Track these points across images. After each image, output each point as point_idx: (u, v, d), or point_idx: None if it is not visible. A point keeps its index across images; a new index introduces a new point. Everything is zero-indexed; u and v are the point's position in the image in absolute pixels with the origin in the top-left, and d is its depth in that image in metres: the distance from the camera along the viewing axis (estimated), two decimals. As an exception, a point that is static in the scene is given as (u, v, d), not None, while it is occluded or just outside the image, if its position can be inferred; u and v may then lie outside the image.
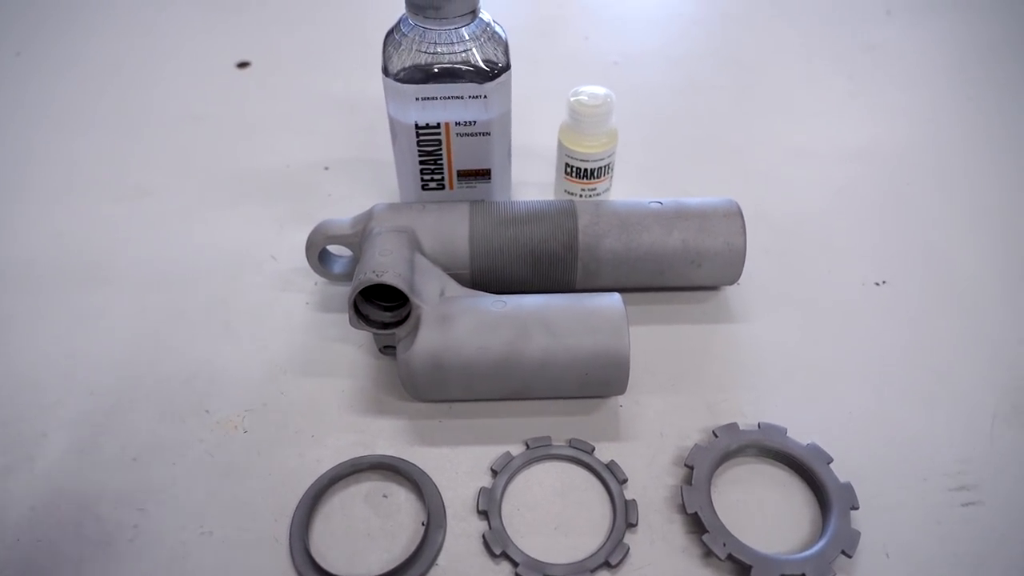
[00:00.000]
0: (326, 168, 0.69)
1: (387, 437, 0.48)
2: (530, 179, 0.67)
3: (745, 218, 0.63)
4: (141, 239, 0.62)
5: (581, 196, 0.60)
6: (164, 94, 0.79)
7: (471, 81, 0.51)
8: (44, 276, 0.59)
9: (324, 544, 0.43)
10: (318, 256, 0.54)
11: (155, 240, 0.62)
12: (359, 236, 0.52)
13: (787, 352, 0.53)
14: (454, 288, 0.50)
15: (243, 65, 0.84)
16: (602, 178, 0.59)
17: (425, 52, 0.51)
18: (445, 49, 0.51)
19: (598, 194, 0.60)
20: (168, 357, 0.53)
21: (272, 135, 0.73)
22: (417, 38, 0.51)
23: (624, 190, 0.66)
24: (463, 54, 0.51)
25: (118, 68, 0.83)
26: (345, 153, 0.71)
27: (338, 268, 0.56)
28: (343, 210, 0.63)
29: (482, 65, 0.51)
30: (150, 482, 0.45)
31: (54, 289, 0.58)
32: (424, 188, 0.57)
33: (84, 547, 0.42)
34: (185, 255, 0.60)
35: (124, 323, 0.55)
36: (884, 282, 0.58)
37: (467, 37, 0.51)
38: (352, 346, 0.53)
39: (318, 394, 0.50)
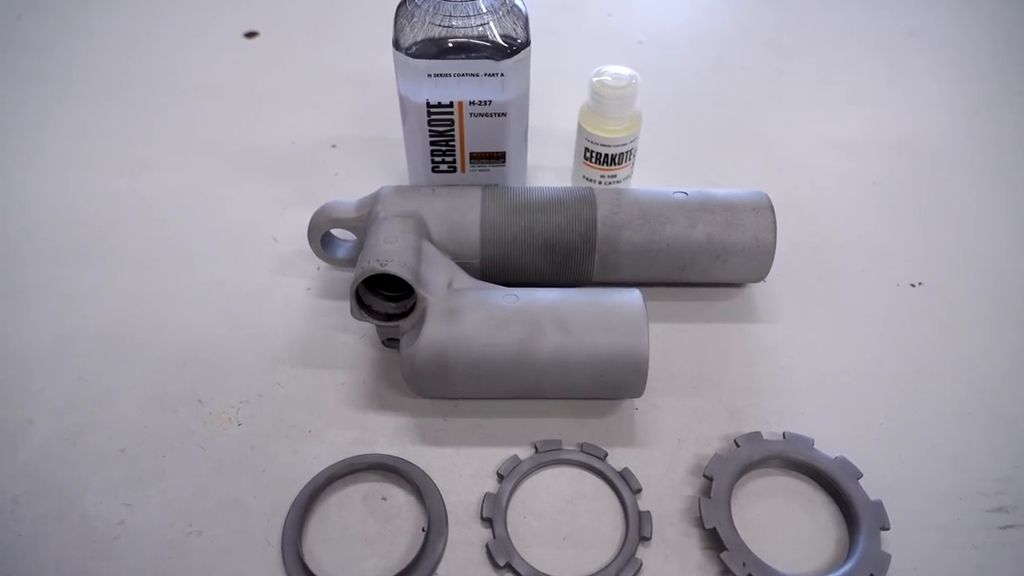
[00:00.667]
0: (333, 146, 0.66)
1: (388, 435, 0.45)
2: (547, 163, 0.64)
3: (775, 210, 0.59)
4: (139, 215, 0.59)
5: (600, 183, 0.57)
6: (168, 63, 0.76)
7: (488, 57, 0.48)
8: (38, 252, 0.56)
9: (318, 548, 0.40)
10: (321, 240, 0.51)
11: (154, 217, 0.59)
12: (364, 220, 0.49)
13: (816, 357, 0.50)
14: (463, 279, 0.47)
15: (251, 35, 0.80)
16: (623, 164, 0.56)
17: (439, 25, 0.47)
18: (460, 22, 0.47)
19: (618, 181, 0.57)
20: (162, 341, 0.50)
21: (279, 109, 0.70)
22: (431, 9, 0.47)
23: (646, 178, 0.62)
24: (480, 28, 0.47)
25: (121, 34, 0.80)
26: (354, 131, 0.67)
27: (342, 253, 0.53)
28: (350, 191, 0.60)
29: (500, 40, 0.48)
30: (138, 475, 0.43)
31: (48, 266, 0.55)
32: (435, 171, 0.54)
33: (65, 543, 0.40)
34: (184, 233, 0.58)
35: (118, 303, 0.52)
36: (920, 284, 0.55)
37: (484, 10, 0.47)
38: (354, 336, 0.50)
39: (317, 387, 0.47)
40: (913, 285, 0.55)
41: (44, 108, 0.70)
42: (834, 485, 0.42)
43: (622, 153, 0.55)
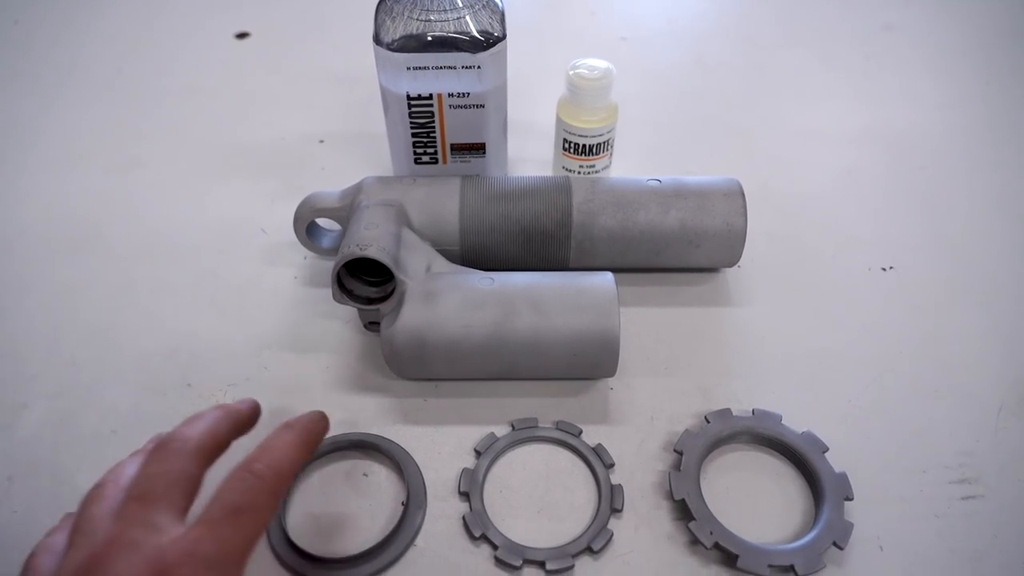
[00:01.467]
0: (321, 141, 0.68)
1: (370, 415, 0.47)
2: (530, 156, 0.66)
3: (749, 199, 0.61)
4: (131, 210, 0.61)
5: (580, 173, 0.58)
6: (161, 64, 0.78)
7: (464, 50, 0.49)
8: (32, 246, 0.58)
9: (302, 521, 0.42)
10: (306, 229, 0.53)
11: (145, 212, 0.61)
12: (347, 209, 0.51)
13: (787, 338, 0.51)
14: (441, 264, 0.48)
15: (242, 36, 0.82)
16: (601, 155, 0.58)
17: (418, 19, 0.49)
18: (438, 17, 0.49)
19: (597, 171, 0.59)
20: (152, 329, 0.52)
21: (268, 107, 0.72)
22: (410, 4, 0.49)
23: (626, 169, 0.64)
24: (456, 22, 0.49)
25: (116, 37, 0.82)
26: (341, 126, 0.69)
27: (327, 242, 0.54)
28: (336, 183, 0.61)
29: (476, 34, 0.49)
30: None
31: (41, 259, 0.57)
32: (417, 162, 0.56)
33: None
34: (174, 227, 0.59)
35: (110, 295, 0.54)
36: (891, 268, 0.56)
37: (460, 4, 0.49)
38: (339, 322, 0.52)
39: (302, 370, 0.49)
40: (884, 269, 0.56)
41: (40, 107, 0.72)
42: (800, 458, 0.44)
43: (599, 143, 0.57)
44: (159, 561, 0.28)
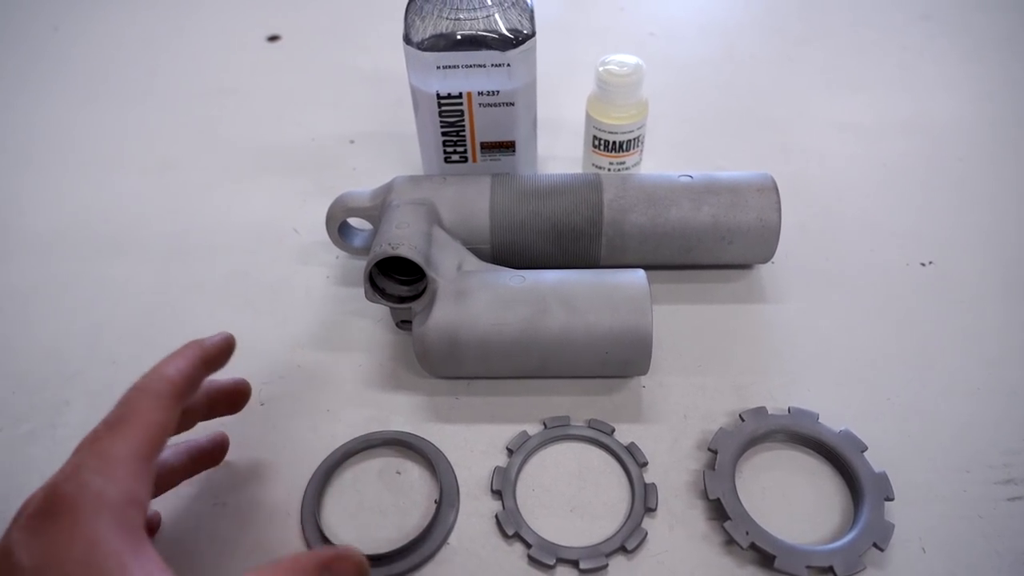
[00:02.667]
0: (352, 141, 0.68)
1: (403, 413, 0.47)
2: (560, 154, 0.65)
3: (783, 194, 0.60)
4: (165, 211, 0.62)
5: (610, 170, 0.58)
6: (195, 67, 0.79)
7: (494, 48, 0.49)
8: (69, 247, 0.59)
9: (335, 519, 0.42)
10: (338, 229, 0.53)
11: (179, 212, 0.62)
12: (379, 209, 0.51)
13: (823, 335, 0.50)
14: (472, 262, 0.48)
15: (274, 38, 0.83)
16: (632, 151, 0.57)
17: (447, 18, 0.49)
18: (467, 15, 0.49)
19: (627, 168, 0.58)
20: (188, 328, 0.52)
21: (299, 108, 0.73)
22: (439, 3, 0.49)
23: (657, 165, 0.63)
24: (486, 20, 0.49)
25: (151, 42, 0.84)
26: (371, 127, 0.70)
27: (358, 241, 0.55)
28: (367, 183, 0.61)
29: (505, 32, 0.49)
30: (166, 452, 0.45)
31: (79, 260, 0.58)
32: (447, 161, 0.56)
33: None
34: (208, 227, 0.60)
35: (146, 294, 0.55)
36: (931, 263, 0.55)
37: (490, 3, 0.49)
38: (370, 321, 0.52)
39: (335, 368, 0.49)
40: (923, 264, 0.55)
41: (77, 111, 0.74)
42: (838, 458, 0.43)
43: (630, 140, 0.56)
44: (53, 486, 0.29)
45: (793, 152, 0.65)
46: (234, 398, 0.43)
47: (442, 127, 0.54)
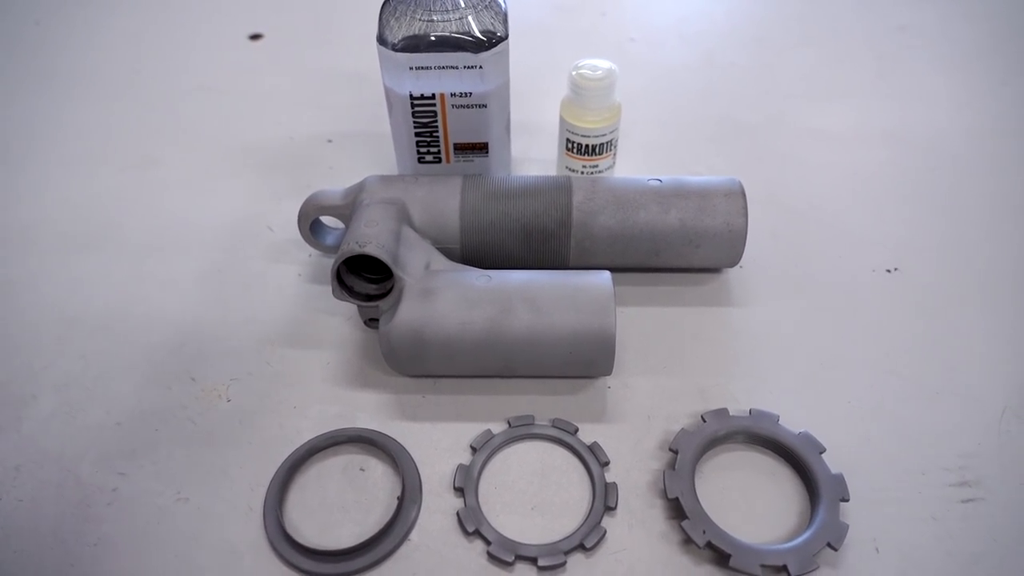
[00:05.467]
0: (329, 141, 0.69)
1: (369, 410, 0.47)
2: (535, 156, 0.66)
3: (755, 200, 0.61)
4: (142, 208, 0.62)
5: (583, 173, 0.58)
6: (177, 65, 0.79)
7: (467, 50, 0.50)
8: (45, 241, 0.59)
9: (298, 515, 0.42)
10: (310, 227, 0.54)
11: (156, 209, 0.62)
12: (350, 207, 0.52)
13: (787, 338, 0.51)
14: (440, 262, 0.49)
15: (256, 37, 0.83)
16: (604, 155, 0.58)
17: (420, 20, 0.49)
18: (440, 17, 0.49)
19: (600, 172, 0.59)
20: (159, 324, 0.53)
21: (279, 107, 0.73)
22: (413, 5, 0.49)
23: (632, 169, 0.64)
24: (459, 22, 0.49)
25: (134, 39, 0.84)
26: (349, 127, 0.70)
27: (331, 240, 0.55)
28: (343, 183, 0.62)
29: (478, 34, 0.50)
30: (132, 447, 0.45)
31: (54, 254, 0.58)
32: (421, 161, 0.56)
33: (63, 508, 0.43)
34: (184, 224, 0.61)
35: (120, 289, 0.55)
36: (896, 269, 0.56)
37: (463, 5, 0.49)
38: (340, 318, 0.52)
39: (303, 365, 0.50)
40: (889, 271, 0.56)
41: (58, 106, 0.74)
42: (797, 459, 0.44)
43: (602, 143, 0.57)
44: None
45: (768, 159, 0.66)
46: None
47: (415, 128, 0.54)
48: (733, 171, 0.65)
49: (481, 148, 0.55)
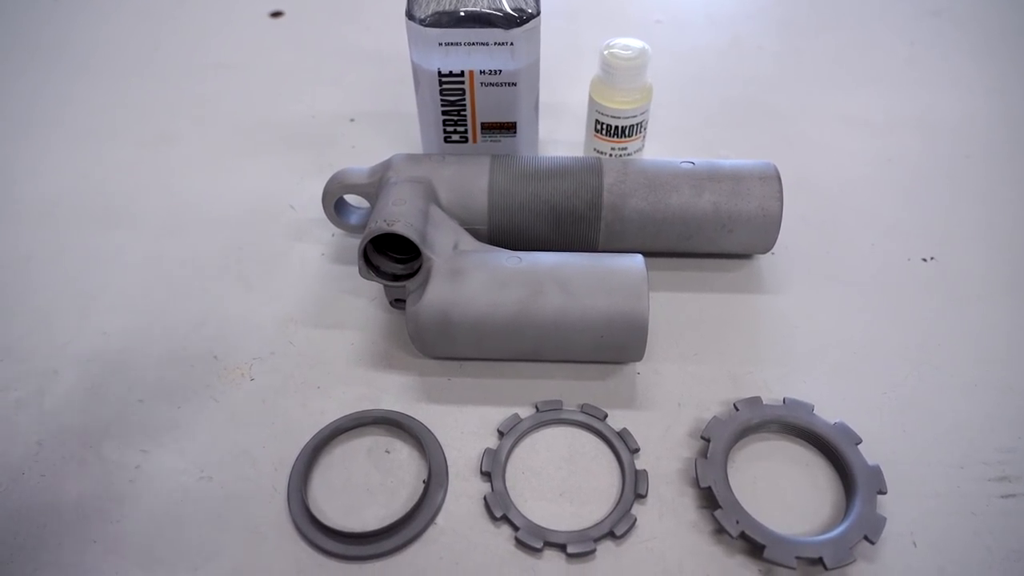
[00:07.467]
0: (352, 120, 0.68)
1: (394, 392, 0.46)
2: (562, 138, 0.65)
3: (785, 185, 0.59)
4: (163, 184, 0.61)
5: (611, 156, 0.57)
6: (197, 42, 0.78)
7: (497, 26, 0.49)
8: (66, 217, 0.59)
9: (322, 496, 0.42)
10: (335, 206, 0.53)
11: (176, 186, 0.61)
12: (376, 186, 0.51)
13: (821, 327, 0.50)
14: (469, 242, 0.48)
15: (276, 14, 0.82)
16: (634, 137, 0.56)
17: (451, -6, 0.48)
18: (471, -8, 0.48)
19: (629, 154, 0.57)
20: (181, 302, 0.52)
21: (300, 85, 0.72)
22: (443, -21, 0.48)
23: (659, 152, 0.63)
24: (490, -2, 0.48)
25: (153, 14, 0.83)
26: (372, 105, 0.69)
27: (355, 219, 0.54)
28: (365, 162, 0.61)
29: (509, 10, 0.48)
30: (155, 424, 0.45)
31: (75, 230, 0.57)
32: (447, 140, 0.55)
33: (85, 485, 0.42)
34: (204, 202, 0.60)
35: (140, 266, 0.55)
36: (932, 258, 0.55)
37: (495, -21, 0.48)
38: (364, 299, 0.52)
39: (327, 346, 0.49)
40: (924, 260, 0.54)
41: (76, 82, 0.73)
42: (832, 450, 0.43)
43: (632, 125, 0.55)
44: None
45: (797, 144, 0.65)
46: None
47: (443, 106, 0.53)
48: (762, 155, 0.63)
49: (509, 128, 0.54)
